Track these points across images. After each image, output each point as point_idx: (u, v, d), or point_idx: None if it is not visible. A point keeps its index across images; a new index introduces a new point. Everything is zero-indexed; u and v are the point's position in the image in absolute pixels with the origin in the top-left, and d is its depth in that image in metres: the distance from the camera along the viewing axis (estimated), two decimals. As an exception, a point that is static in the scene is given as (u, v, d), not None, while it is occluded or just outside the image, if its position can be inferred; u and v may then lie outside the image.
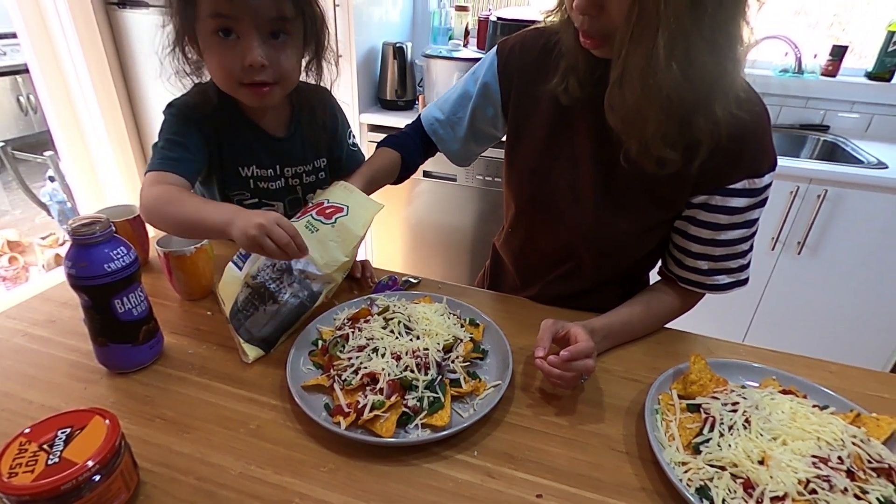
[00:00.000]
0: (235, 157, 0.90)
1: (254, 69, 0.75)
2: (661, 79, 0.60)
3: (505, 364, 0.70)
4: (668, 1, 0.55)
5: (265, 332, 0.73)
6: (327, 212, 0.78)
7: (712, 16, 0.57)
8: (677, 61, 0.59)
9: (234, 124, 0.89)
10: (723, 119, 0.64)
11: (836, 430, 0.56)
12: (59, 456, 0.47)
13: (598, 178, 0.78)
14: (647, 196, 0.75)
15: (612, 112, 0.68)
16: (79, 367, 0.69)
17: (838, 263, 1.77)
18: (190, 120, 0.84)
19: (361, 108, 2.07)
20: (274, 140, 0.93)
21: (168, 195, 0.75)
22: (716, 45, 0.59)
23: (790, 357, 0.79)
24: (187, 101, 0.85)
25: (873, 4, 2.13)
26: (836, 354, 0.85)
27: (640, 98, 0.63)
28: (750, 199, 0.72)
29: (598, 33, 0.65)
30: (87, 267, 0.60)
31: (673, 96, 0.61)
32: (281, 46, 0.77)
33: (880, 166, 1.70)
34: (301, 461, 0.57)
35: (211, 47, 0.76)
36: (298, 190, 0.99)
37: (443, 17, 2.42)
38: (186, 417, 0.62)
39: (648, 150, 0.67)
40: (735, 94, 0.65)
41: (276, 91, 0.81)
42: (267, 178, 0.94)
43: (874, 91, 2.04)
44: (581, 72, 0.74)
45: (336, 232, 0.76)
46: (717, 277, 0.78)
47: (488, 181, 2.02)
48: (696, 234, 0.76)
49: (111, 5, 2.15)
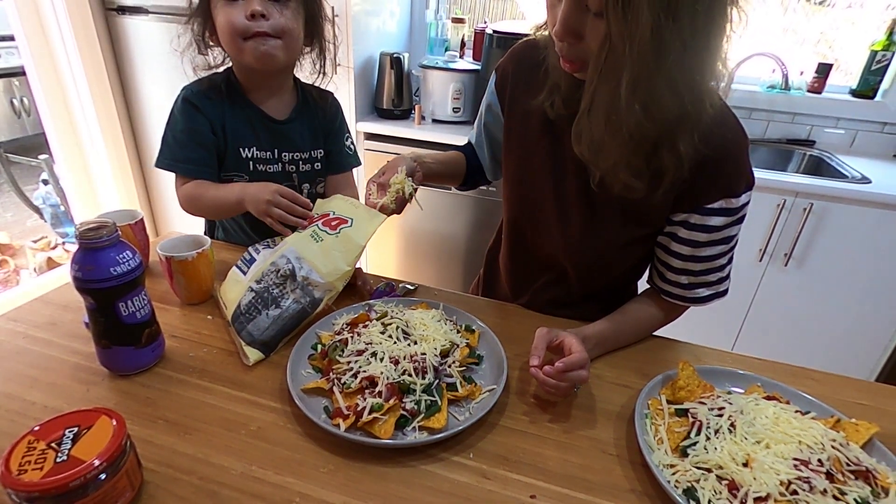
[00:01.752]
0: (237, 137, 0.99)
1: (255, 18, 0.86)
2: (623, 116, 0.62)
3: (500, 369, 0.71)
4: (632, 44, 0.57)
5: (266, 335, 0.74)
6: (333, 223, 0.81)
7: (676, 60, 0.58)
8: (640, 101, 0.61)
9: (239, 106, 0.99)
10: (686, 153, 0.67)
11: (816, 434, 0.58)
12: (67, 454, 0.48)
13: (582, 193, 0.80)
14: (626, 214, 0.78)
15: (579, 141, 0.71)
16: (81, 370, 0.70)
17: (824, 275, 1.81)
18: (198, 107, 0.96)
19: (359, 117, 2.10)
20: (274, 122, 1.01)
21: (192, 193, 0.97)
22: (678, 87, 0.61)
23: (775, 365, 0.82)
24: (198, 88, 0.98)
25: (858, 24, 2.20)
26: (823, 363, 0.88)
27: (604, 132, 0.66)
28: (727, 218, 0.74)
29: (577, 59, 0.67)
30: (93, 270, 0.62)
31: (634, 134, 0.64)
32: (278, 6, 0.89)
33: (864, 181, 1.75)
34: (301, 462, 0.59)
35: (220, 13, 0.89)
36: (295, 177, 1.05)
37: (439, 28, 2.46)
38: (188, 419, 0.63)
39: (615, 177, 0.70)
40: (701, 129, 0.66)
41: (278, 47, 0.91)
42: (265, 161, 1.01)
43: (858, 108, 2.10)
44: (564, 91, 0.76)
45: (340, 242, 0.79)
46: (697, 290, 0.81)
47: (482, 190, 2.05)
48: (677, 250, 0.79)
49: (110, 11, 2.17)
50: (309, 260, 0.78)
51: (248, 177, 1.00)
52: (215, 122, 0.97)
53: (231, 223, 1.11)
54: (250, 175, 1.01)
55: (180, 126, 0.96)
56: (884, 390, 0.79)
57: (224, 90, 0.98)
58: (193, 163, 0.96)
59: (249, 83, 0.99)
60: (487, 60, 2.05)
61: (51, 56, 2.17)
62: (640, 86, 0.60)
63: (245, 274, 0.80)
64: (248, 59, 0.91)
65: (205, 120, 0.96)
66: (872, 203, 1.68)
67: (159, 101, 2.29)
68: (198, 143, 0.96)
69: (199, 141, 0.96)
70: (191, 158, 0.96)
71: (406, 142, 2.04)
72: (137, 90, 2.30)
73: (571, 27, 0.63)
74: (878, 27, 2.09)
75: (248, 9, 0.86)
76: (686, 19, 0.56)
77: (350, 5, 1.89)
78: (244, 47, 0.89)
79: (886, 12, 2.08)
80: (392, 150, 2.07)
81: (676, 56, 0.58)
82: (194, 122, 0.95)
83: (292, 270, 0.76)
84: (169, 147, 0.97)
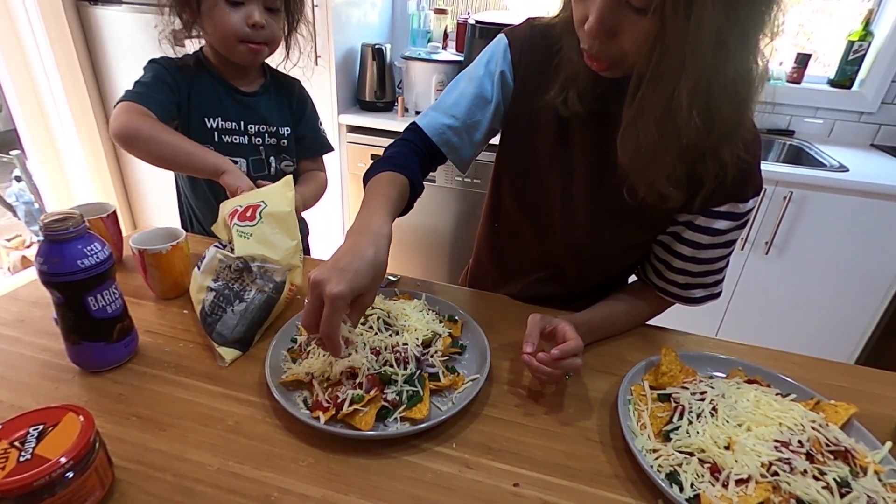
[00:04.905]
0: (202, 107, 1.00)
1: (256, 28, 0.94)
2: (680, 126, 0.58)
3: (483, 359, 0.71)
4: (695, 47, 0.52)
5: (238, 332, 0.72)
6: (247, 214, 0.77)
7: (736, 65, 0.55)
8: (698, 109, 0.57)
9: (207, 77, 1.02)
10: (729, 161, 0.64)
11: (796, 416, 0.59)
12: (31, 453, 0.46)
13: (590, 193, 0.78)
14: (636, 217, 0.76)
15: (624, 151, 0.65)
16: (50, 367, 0.68)
17: (804, 262, 1.84)
18: (166, 68, 0.98)
19: (341, 109, 2.07)
20: (242, 94, 1.04)
21: (154, 124, 0.89)
22: (737, 94, 0.58)
23: (756, 349, 0.82)
24: (166, 57, 1.00)
25: (835, 16, 2.22)
26: (805, 348, 0.89)
27: (657, 142, 0.61)
28: (732, 223, 0.73)
29: (607, 58, 0.62)
30: (59, 263, 0.59)
31: (690, 144, 0.60)
32: (273, 16, 0.97)
33: (842, 169, 1.78)
34: (280, 456, 0.57)
35: (218, 12, 0.92)
36: (261, 150, 1.07)
37: (422, 19, 2.44)
38: (162, 415, 0.61)
39: (654, 188, 0.67)
40: (744, 136, 0.64)
41: (264, 51, 0.99)
42: (231, 132, 1.03)
43: (836, 98, 2.13)
44: (581, 86, 0.71)
45: (269, 224, 0.77)
46: (693, 291, 0.81)
47: (467, 182, 2.04)
48: (678, 250, 0.77)
49: (82, 2, 2.11)
50: (253, 255, 0.75)
51: (214, 147, 0.99)
52: (182, 88, 0.98)
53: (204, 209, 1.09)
54: (216, 146, 1.01)
55: (146, 77, 0.97)
56: (862, 372, 0.80)
57: (192, 66, 1.01)
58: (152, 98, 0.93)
59: (221, 64, 1.03)
60: (470, 52, 2.03)
61: (20, 48, 2.10)
62: (699, 93, 0.56)
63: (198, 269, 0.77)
64: (236, 59, 0.99)
65: (171, 79, 0.97)
66: (850, 191, 1.71)
67: (135, 93, 2.23)
68: (162, 85, 0.96)
69: (162, 89, 0.96)
70: (149, 95, 0.94)
71: (389, 134, 2.02)
72: (112, 82, 2.25)
73: (607, 24, 0.58)
74: (854, 18, 2.11)
75: (249, 17, 0.93)
76: (745, 19, 0.53)
77: (330, -5, 1.86)
78: (236, 48, 0.96)
79: (862, 3, 2.11)
80: (375, 143, 2.05)
81: (738, 59, 0.55)
82: (160, 74, 0.97)
83: (245, 263, 0.74)
84: (129, 91, 0.94)
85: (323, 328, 0.55)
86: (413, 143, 0.82)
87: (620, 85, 0.65)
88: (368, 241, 0.60)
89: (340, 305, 0.54)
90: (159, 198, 2.41)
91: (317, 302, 0.55)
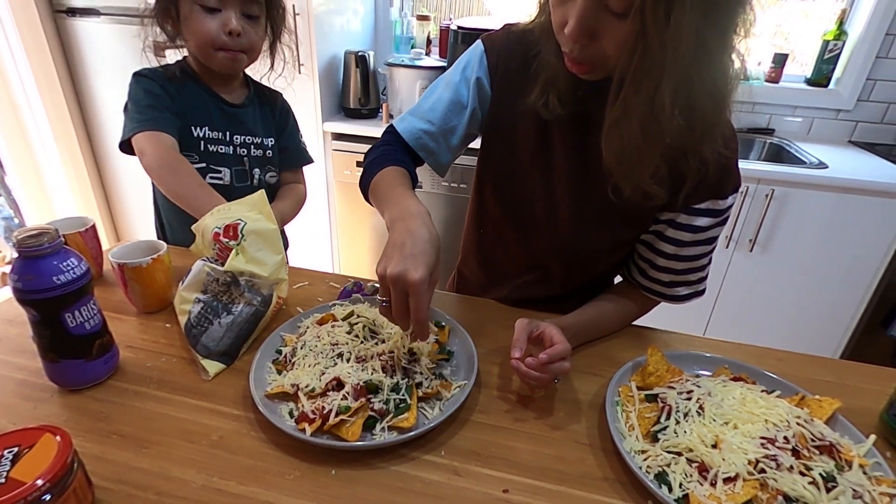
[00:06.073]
0: (189, 116, 1.00)
1: (232, 35, 0.93)
2: (664, 125, 0.59)
3: (471, 364, 0.70)
4: (675, 49, 0.53)
5: (224, 344, 0.71)
6: (229, 233, 0.76)
7: (715, 64, 0.57)
8: (680, 108, 0.58)
9: (193, 87, 1.01)
10: (710, 157, 0.66)
11: (781, 412, 0.59)
12: (5, 476, 0.44)
13: (573, 194, 0.78)
14: (620, 216, 0.76)
15: (608, 151, 0.66)
16: (27, 386, 0.66)
17: (787, 258, 1.87)
18: (156, 81, 0.97)
19: (325, 117, 2.06)
20: (228, 104, 1.04)
21: (174, 164, 0.90)
22: (717, 92, 0.59)
23: (741, 347, 0.83)
24: (153, 68, 0.99)
25: (810, 16, 2.27)
26: (792, 343, 0.90)
27: (641, 142, 0.62)
28: (713, 219, 0.74)
29: (588, 60, 0.63)
30: (34, 280, 0.58)
31: (673, 143, 0.61)
32: (251, 24, 0.96)
33: (821, 166, 1.81)
34: (266, 470, 0.56)
35: (194, 18, 0.92)
36: (246, 161, 1.07)
37: (405, 26, 2.45)
38: (144, 432, 0.60)
39: (639, 187, 0.67)
40: (722, 132, 0.65)
41: (243, 59, 0.98)
42: (217, 141, 1.03)
43: (813, 96, 2.17)
44: (561, 89, 0.72)
45: (253, 242, 0.76)
46: (677, 289, 0.82)
47: (454, 188, 2.04)
48: (661, 248, 0.78)
49: (59, 13, 2.08)
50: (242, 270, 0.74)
51: (199, 157, 1.01)
52: (173, 97, 0.98)
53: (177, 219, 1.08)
54: (201, 156, 1.01)
55: (142, 96, 0.95)
56: (845, 366, 0.81)
57: (178, 76, 1.00)
58: (165, 121, 0.94)
59: (204, 73, 1.03)
60: (453, 57, 2.04)
61: (-3, 61, 2.07)
62: (680, 92, 0.57)
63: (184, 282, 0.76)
64: (214, 66, 0.98)
65: (164, 91, 0.97)
66: (830, 187, 1.73)
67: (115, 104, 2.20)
68: (164, 106, 0.96)
69: (164, 105, 0.96)
70: (160, 118, 0.94)
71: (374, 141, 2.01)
72: (92, 94, 2.22)
73: (588, 28, 0.58)
74: (828, 18, 2.16)
75: (226, 25, 0.92)
76: (722, 19, 0.54)
77: (313, 5, 1.86)
78: (214, 56, 0.96)
79: (836, 3, 2.16)
80: (361, 150, 2.04)
81: (717, 58, 0.56)
82: (154, 89, 0.96)
83: (234, 276, 0.73)
84: (133, 117, 0.94)
85: (418, 315, 0.58)
86: (393, 146, 0.83)
87: (600, 87, 0.65)
88: (417, 222, 0.62)
89: (425, 288, 0.57)
90: (142, 210, 2.37)
91: (402, 294, 0.57)
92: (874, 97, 2.12)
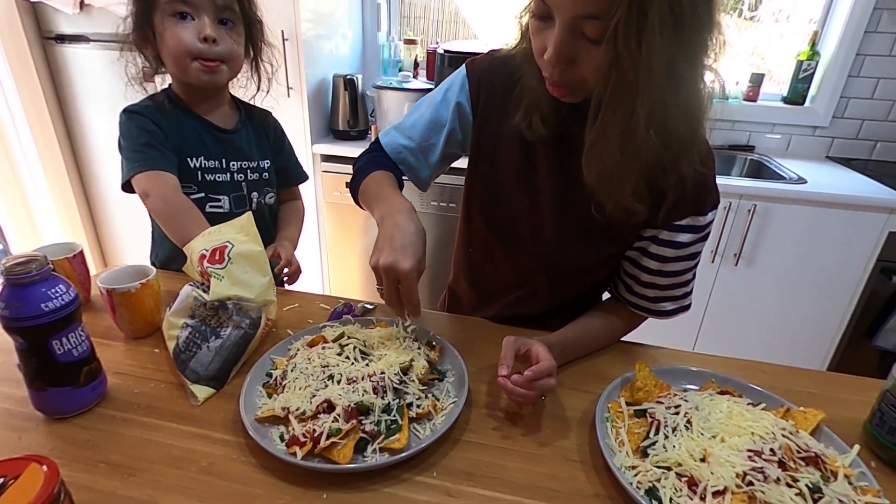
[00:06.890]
0: (184, 148, 0.98)
1: (207, 42, 0.90)
2: (640, 145, 0.61)
3: (461, 383, 0.71)
4: (648, 73, 0.56)
5: (213, 369, 0.71)
6: (216, 257, 0.76)
7: (687, 86, 0.60)
8: (655, 129, 0.61)
9: (185, 117, 0.99)
10: (688, 173, 0.68)
11: (767, 424, 0.60)
12: (-10, 508, 0.44)
13: (557, 212, 0.80)
14: (603, 232, 0.78)
15: (589, 171, 0.69)
16: (12, 416, 0.65)
17: (772, 271, 1.90)
18: (146, 117, 0.95)
19: (314, 139, 2.08)
20: (222, 131, 1.02)
21: (178, 209, 0.90)
22: (690, 112, 0.62)
23: (727, 360, 0.84)
24: (142, 104, 0.97)
25: (785, 37, 2.35)
26: (780, 356, 0.91)
27: (619, 161, 0.64)
28: (694, 235, 0.76)
29: (568, 84, 0.65)
30: (22, 307, 0.58)
31: (650, 161, 0.64)
32: (227, 31, 0.93)
33: (800, 181, 1.86)
34: (256, 495, 0.56)
35: (168, 29, 0.89)
36: (243, 186, 1.06)
37: (392, 49, 2.49)
38: (133, 460, 0.59)
39: (620, 204, 0.70)
40: (699, 150, 0.69)
41: (223, 70, 0.95)
42: (213, 170, 1.01)
43: (790, 114, 2.24)
44: (544, 111, 0.74)
45: (239, 264, 0.76)
46: (662, 304, 0.83)
47: (443, 207, 2.06)
48: (645, 264, 0.80)
49: (48, 40, 2.09)
50: (228, 296, 0.74)
51: (197, 187, 0.99)
52: (167, 131, 0.96)
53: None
54: (199, 186, 0.99)
55: (136, 134, 0.93)
56: (829, 377, 0.83)
57: (167, 107, 0.98)
58: (164, 160, 0.92)
59: (191, 98, 1.01)
60: (440, 79, 2.06)
61: (-16, 88, 2.07)
62: (655, 114, 0.59)
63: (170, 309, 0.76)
64: (192, 79, 0.94)
65: (156, 127, 0.95)
66: (809, 202, 1.78)
67: (104, 131, 2.21)
68: (160, 143, 0.94)
69: (159, 141, 0.94)
70: (158, 157, 0.92)
71: (363, 162, 2.04)
72: (80, 121, 2.22)
73: (566, 54, 0.61)
74: (802, 39, 2.24)
75: (200, 32, 0.89)
76: (691, 43, 0.57)
77: (301, 30, 1.89)
78: (190, 67, 0.92)
79: (809, 25, 2.24)
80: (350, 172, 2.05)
81: (688, 80, 0.59)
82: (148, 127, 0.94)
83: (220, 302, 0.73)
84: (130, 157, 0.92)
85: (410, 298, 0.66)
86: (381, 153, 0.90)
87: (581, 108, 0.68)
88: (404, 217, 0.69)
89: (414, 276, 0.64)
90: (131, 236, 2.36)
91: (393, 283, 0.65)
92: (848, 114, 2.19)
